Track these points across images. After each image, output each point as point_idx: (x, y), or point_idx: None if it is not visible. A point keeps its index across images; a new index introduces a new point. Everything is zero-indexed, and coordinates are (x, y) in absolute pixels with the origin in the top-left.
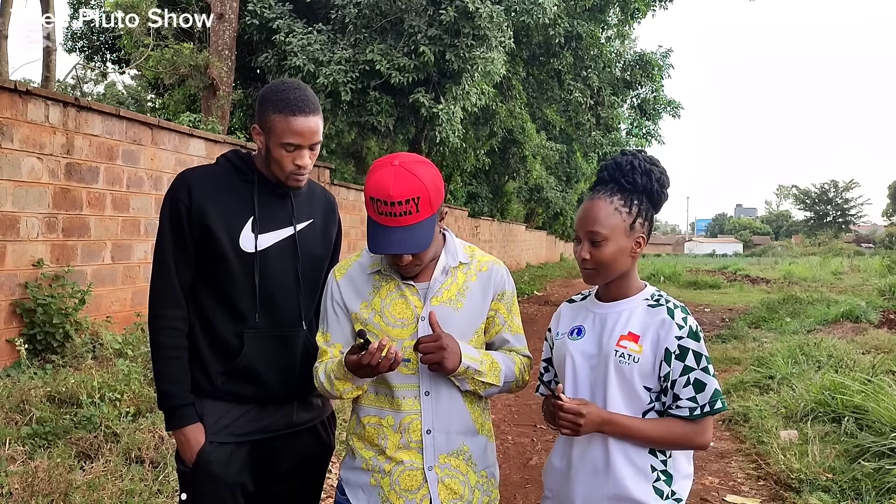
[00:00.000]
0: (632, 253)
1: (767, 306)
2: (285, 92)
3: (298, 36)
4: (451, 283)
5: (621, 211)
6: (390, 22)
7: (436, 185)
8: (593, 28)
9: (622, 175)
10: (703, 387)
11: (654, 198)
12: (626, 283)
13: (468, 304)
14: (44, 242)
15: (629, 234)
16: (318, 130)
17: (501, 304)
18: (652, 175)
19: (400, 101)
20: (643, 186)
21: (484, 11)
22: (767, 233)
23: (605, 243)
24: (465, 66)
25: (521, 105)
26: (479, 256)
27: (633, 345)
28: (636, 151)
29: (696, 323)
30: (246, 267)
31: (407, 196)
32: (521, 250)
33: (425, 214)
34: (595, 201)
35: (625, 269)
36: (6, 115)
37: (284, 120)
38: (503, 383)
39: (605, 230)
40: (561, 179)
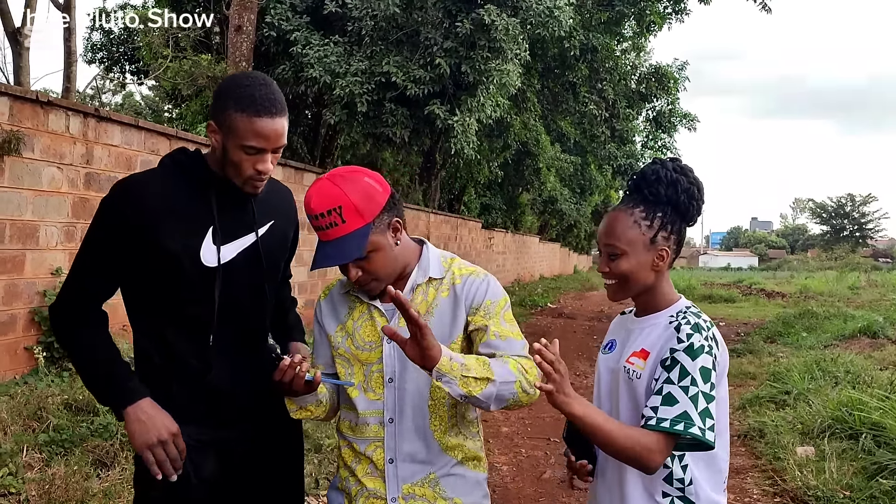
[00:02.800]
0: (654, 267)
1: (783, 321)
2: (249, 88)
3: (315, 48)
4: (422, 301)
5: (640, 224)
6: (406, 34)
7: (364, 194)
8: (608, 41)
9: (646, 185)
10: (672, 402)
11: (682, 209)
12: (655, 298)
13: (436, 322)
14: (62, 251)
15: (649, 247)
16: (284, 133)
17: (478, 316)
18: (678, 185)
19: (415, 113)
20: (668, 198)
21: (500, 24)
22: (783, 246)
23: (623, 257)
24: (480, 79)
25: (536, 117)
26: (457, 268)
27: (639, 361)
28: (666, 160)
29: (707, 344)
30: (207, 283)
31: (326, 207)
32: (535, 262)
33: (353, 225)
34: (615, 213)
35: (648, 284)
36: (28, 125)
37: (248, 120)
38: (500, 381)
39: (621, 243)
40: (575, 191)
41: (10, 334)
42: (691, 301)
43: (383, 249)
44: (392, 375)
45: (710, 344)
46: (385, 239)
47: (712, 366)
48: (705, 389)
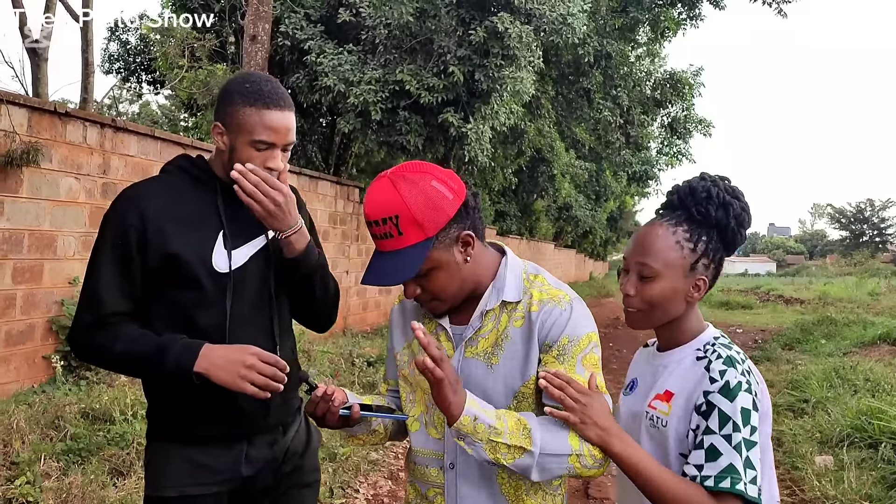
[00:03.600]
0: (688, 297)
1: (801, 327)
2: (256, 83)
3: (329, 56)
4: (491, 331)
5: (683, 245)
6: (420, 42)
7: (429, 202)
8: (623, 47)
9: (695, 202)
10: (716, 455)
11: (728, 237)
12: (679, 330)
13: (505, 359)
14: (80, 261)
15: (688, 274)
16: (293, 129)
17: (549, 356)
18: (730, 209)
19: (429, 121)
20: (717, 220)
21: (513, 31)
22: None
23: (656, 280)
24: (494, 86)
25: (551, 124)
26: (538, 291)
27: (663, 405)
28: (717, 178)
29: (744, 380)
30: (219, 290)
31: (382, 215)
32: (550, 269)
33: (412, 239)
34: (654, 227)
35: (675, 315)
36: (46, 136)
37: (257, 113)
38: (541, 452)
39: (657, 264)
40: (590, 198)
41: (29, 343)
42: (708, 308)
43: (447, 267)
44: None
45: (747, 379)
46: (450, 255)
47: (752, 405)
48: (746, 435)
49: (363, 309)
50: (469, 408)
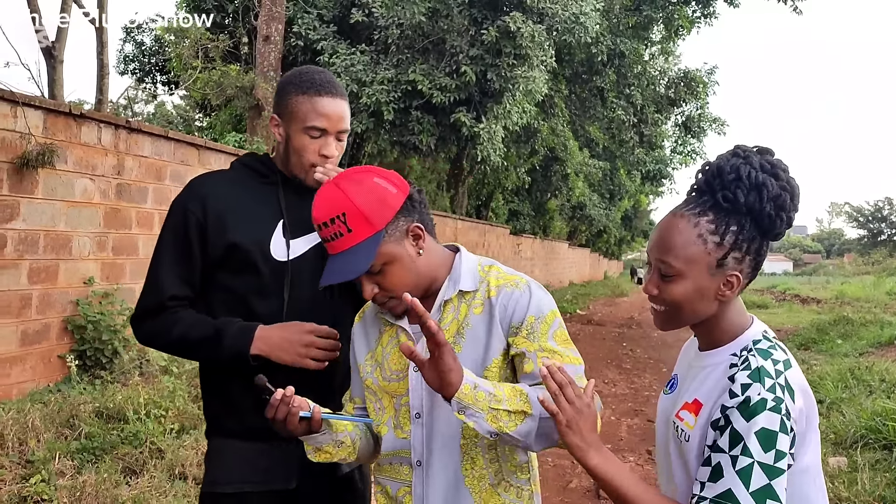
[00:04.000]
0: (718, 295)
1: (817, 327)
2: (309, 74)
3: (342, 57)
4: (452, 321)
5: (707, 239)
6: (432, 42)
7: (374, 196)
8: (636, 46)
9: (721, 186)
10: (718, 475)
11: (765, 224)
12: (717, 329)
13: (468, 345)
14: (94, 261)
15: (715, 271)
16: (346, 117)
17: (520, 337)
18: (765, 191)
19: (441, 121)
20: (748, 206)
21: (525, 31)
22: (818, 251)
23: (678, 279)
24: (506, 86)
25: (564, 123)
26: (494, 278)
27: (689, 417)
28: (751, 152)
29: (772, 396)
30: (277, 278)
31: (329, 216)
32: (564, 268)
33: (362, 234)
34: (675, 219)
35: (706, 315)
36: (61, 137)
37: (309, 101)
38: (541, 415)
39: (678, 262)
40: (604, 197)
41: (44, 343)
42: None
43: (400, 261)
44: (420, 410)
45: (777, 396)
46: (402, 249)
47: (780, 426)
48: (765, 460)
49: None
50: (468, 375)
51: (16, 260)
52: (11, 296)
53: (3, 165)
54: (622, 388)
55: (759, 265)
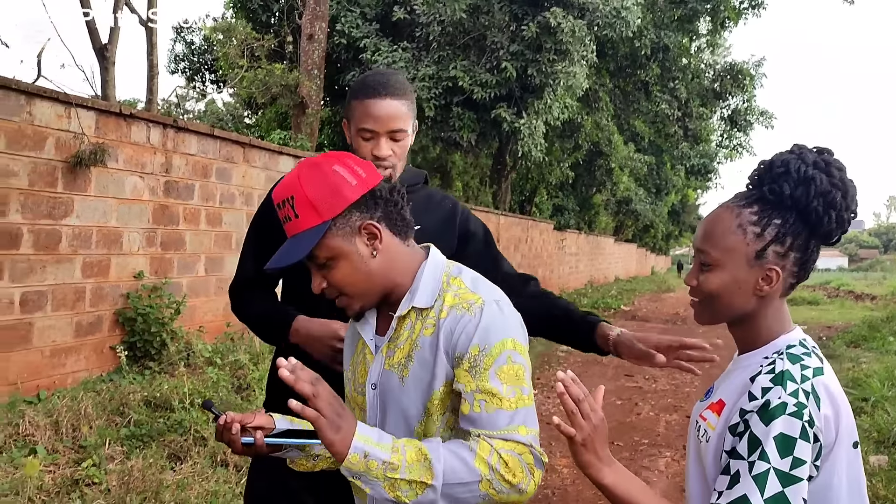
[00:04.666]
0: (756, 290)
1: (869, 324)
2: (366, 77)
3: (384, 54)
4: (407, 339)
5: (747, 230)
6: (473, 38)
7: (326, 185)
8: (681, 38)
9: (769, 179)
10: (735, 482)
11: (811, 219)
12: (753, 329)
13: (416, 369)
14: (144, 256)
15: (752, 263)
16: (398, 116)
17: (461, 370)
18: (812, 185)
19: (482, 117)
20: (794, 199)
21: (566, 26)
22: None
23: (715, 269)
24: (546, 81)
25: (609, 117)
26: (451, 295)
27: (712, 416)
28: (807, 149)
29: (794, 402)
30: None
31: (281, 197)
32: (610, 263)
33: (308, 222)
34: (718, 211)
35: (744, 311)
36: (112, 137)
37: (361, 104)
38: (447, 483)
39: (716, 251)
40: (650, 191)
41: (97, 334)
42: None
43: (349, 258)
44: (374, 423)
45: (799, 401)
46: (352, 245)
47: (801, 433)
48: (781, 466)
49: None
50: (357, 444)
51: (70, 255)
52: (66, 289)
53: (59, 164)
54: (663, 384)
55: (808, 265)
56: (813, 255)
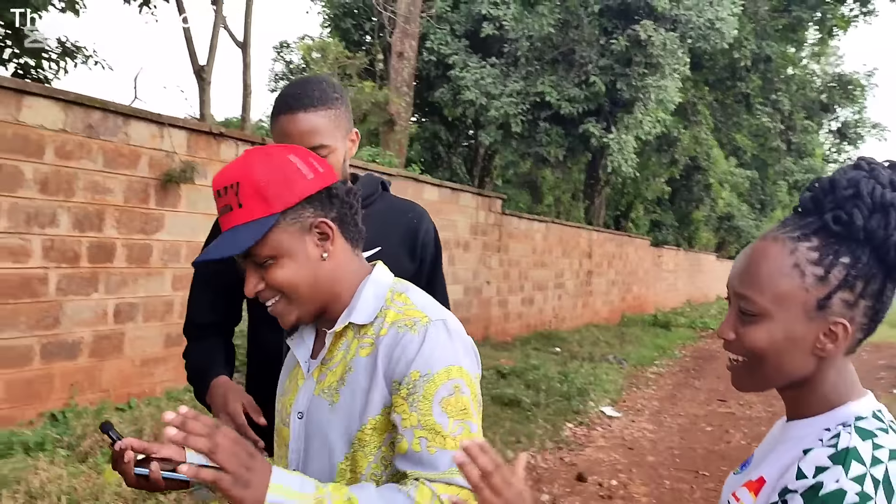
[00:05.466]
0: (816, 349)
1: None
2: (283, 90)
3: (472, 70)
4: (341, 361)
5: (806, 270)
6: (561, 53)
7: (278, 174)
8: (784, 49)
9: (834, 204)
10: None
11: (890, 257)
12: (812, 395)
13: (346, 396)
14: None
15: (814, 314)
16: (316, 131)
17: (399, 397)
18: (893, 213)
19: (570, 132)
20: (868, 231)
21: (657, 39)
22: None
23: (762, 321)
24: (637, 95)
25: (708, 130)
26: (395, 311)
27: (747, 496)
28: (879, 166)
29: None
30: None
31: (223, 184)
32: (710, 281)
33: (253, 213)
34: (765, 243)
35: (798, 374)
36: (202, 155)
37: (276, 122)
38: None
39: (763, 298)
40: (754, 207)
41: (184, 345)
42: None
43: (295, 258)
44: (298, 462)
45: (863, 491)
46: (301, 244)
47: None
48: None
49: (505, 319)
50: (273, 497)
51: (161, 268)
52: (157, 301)
53: (151, 182)
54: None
55: (880, 314)
56: (889, 302)
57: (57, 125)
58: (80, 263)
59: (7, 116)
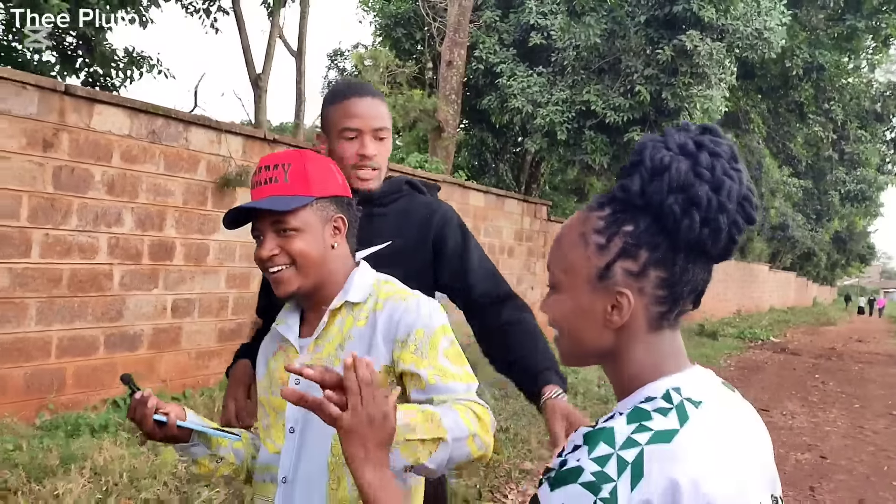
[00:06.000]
0: (606, 321)
1: None
2: (339, 84)
3: (519, 79)
4: (337, 333)
5: (589, 240)
6: (608, 63)
7: (323, 171)
8: (837, 57)
9: (626, 171)
10: None
11: (668, 223)
12: (619, 373)
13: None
14: None
15: (596, 284)
16: (382, 115)
17: (407, 352)
18: (668, 177)
19: (615, 140)
20: (647, 197)
21: (703, 49)
22: None
23: (556, 293)
24: (682, 105)
25: (760, 139)
26: (385, 292)
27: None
28: (684, 129)
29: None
30: None
31: (275, 162)
32: (763, 292)
33: (296, 190)
34: (572, 217)
35: (601, 348)
36: (256, 160)
37: (341, 106)
38: (452, 438)
39: (557, 270)
40: (810, 217)
41: (237, 340)
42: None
43: (313, 234)
44: (294, 423)
45: (601, 472)
46: (319, 227)
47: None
48: None
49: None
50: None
51: (216, 266)
52: (212, 298)
53: (209, 185)
54: (801, 420)
55: (680, 286)
56: (686, 273)
57: (123, 131)
58: (142, 261)
59: (80, 123)
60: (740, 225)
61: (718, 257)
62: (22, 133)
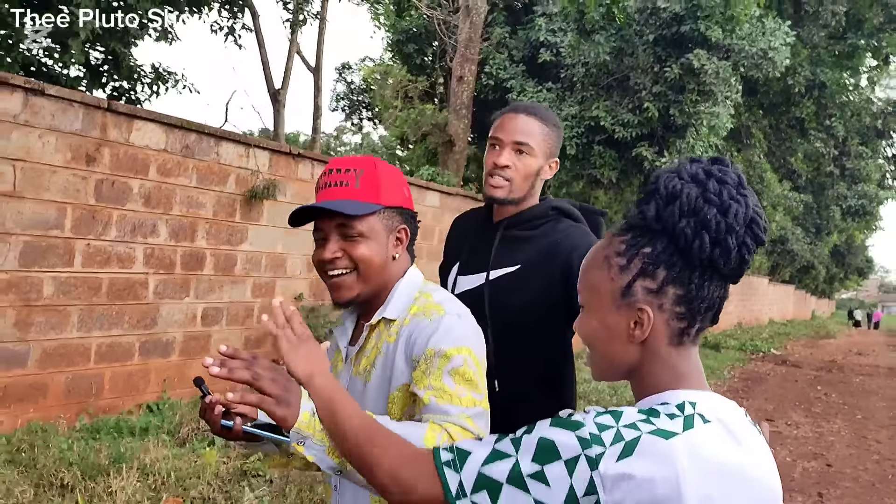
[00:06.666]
0: (630, 336)
1: None
2: (509, 104)
3: (529, 94)
4: (373, 347)
5: (612, 261)
6: (616, 79)
7: (394, 181)
8: (838, 75)
9: (643, 199)
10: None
11: (681, 244)
12: (641, 385)
13: (377, 374)
14: (304, 280)
15: (619, 302)
16: (526, 131)
17: (418, 371)
18: (679, 203)
19: (623, 155)
20: (663, 222)
21: (710, 68)
22: None
23: (585, 313)
24: (689, 121)
25: (761, 154)
26: (417, 306)
27: None
28: (696, 161)
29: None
30: None
31: (347, 166)
32: (762, 305)
33: (366, 197)
34: (598, 242)
35: (627, 363)
36: (282, 173)
37: (497, 121)
38: None
39: (584, 291)
40: (809, 231)
41: (261, 348)
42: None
43: (378, 241)
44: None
45: (596, 435)
46: (384, 236)
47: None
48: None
49: None
50: (306, 404)
51: (243, 276)
52: (238, 306)
53: (237, 197)
54: (806, 430)
55: (697, 302)
56: (702, 291)
57: (160, 146)
58: (175, 270)
59: (120, 138)
60: (750, 246)
61: (732, 276)
62: (67, 147)
